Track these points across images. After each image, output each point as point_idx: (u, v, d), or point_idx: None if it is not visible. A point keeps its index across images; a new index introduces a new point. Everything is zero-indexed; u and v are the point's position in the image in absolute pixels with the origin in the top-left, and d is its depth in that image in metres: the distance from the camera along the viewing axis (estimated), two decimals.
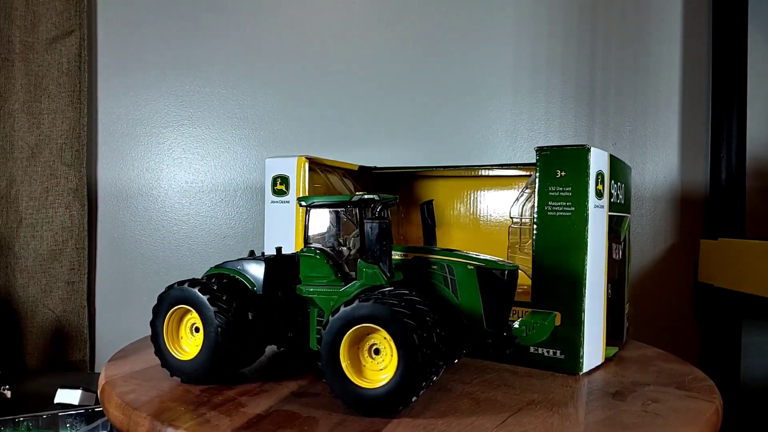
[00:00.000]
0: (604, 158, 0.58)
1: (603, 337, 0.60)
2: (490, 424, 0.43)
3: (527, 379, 0.55)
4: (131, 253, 1.00)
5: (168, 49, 1.00)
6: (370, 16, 1.00)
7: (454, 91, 1.00)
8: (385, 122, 1.00)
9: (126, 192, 1.00)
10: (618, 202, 0.62)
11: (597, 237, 0.57)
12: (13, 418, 0.69)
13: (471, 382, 0.53)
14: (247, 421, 0.42)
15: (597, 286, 0.58)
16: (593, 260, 0.57)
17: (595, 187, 0.56)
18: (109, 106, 1.00)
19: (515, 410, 0.46)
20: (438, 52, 1.00)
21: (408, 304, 0.43)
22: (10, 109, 0.96)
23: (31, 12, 0.96)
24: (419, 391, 0.42)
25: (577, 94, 0.99)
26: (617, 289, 0.63)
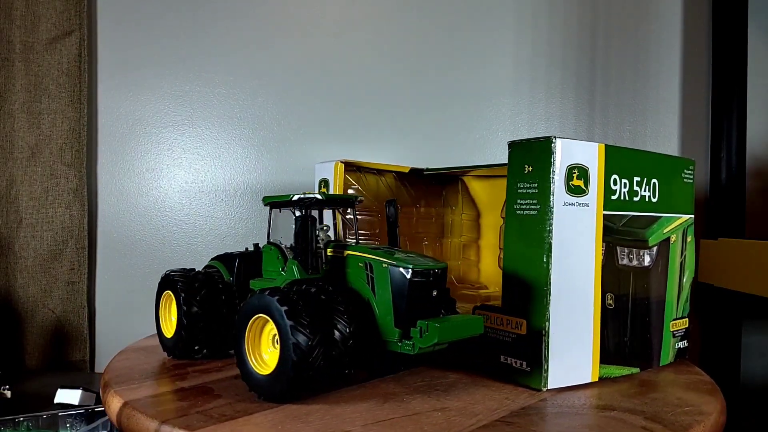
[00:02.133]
0: (587, 151, 0.52)
1: (592, 353, 0.53)
2: (360, 420, 0.43)
3: (475, 388, 0.51)
4: (131, 253, 1.00)
5: (168, 49, 1.00)
6: (370, 16, 1.00)
7: (453, 91, 1.00)
8: (385, 122, 1.00)
9: (126, 192, 1.00)
10: (630, 200, 0.55)
11: (575, 239, 0.51)
12: (13, 418, 0.69)
13: (410, 384, 0.52)
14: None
15: (575, 293, 0.51)
16: (566, 265, 0.51)
17: (567, 183, 0.50)
18: (109, 106, 1.00)
19: (407, 413, 0.44)
20: (438, 52, 1.00)
21: (300, 297, 0.46)
22: (10, 109, 0.96)
23: (31, 12, 0.96)
24: (299, 380, 0.44)
25: (578, 94, 0.99)
26: (632, 301, 0.55)
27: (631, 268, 0.55)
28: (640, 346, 0.57)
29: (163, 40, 1.00)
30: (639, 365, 0.57)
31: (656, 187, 0.57)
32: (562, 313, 0.51)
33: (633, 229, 0.55)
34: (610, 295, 0.54)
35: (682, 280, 0.60)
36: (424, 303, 0.49)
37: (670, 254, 0.58)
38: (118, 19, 1.00)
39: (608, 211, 0.53)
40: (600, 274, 0.53)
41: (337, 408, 0.46)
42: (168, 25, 0.99)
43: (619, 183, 0.54)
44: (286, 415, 0.44)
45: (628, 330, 0.55)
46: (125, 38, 1.00)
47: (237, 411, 0.44)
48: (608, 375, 0.54)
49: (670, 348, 0.60)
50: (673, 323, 0.60)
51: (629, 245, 0.55)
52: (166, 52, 1.00)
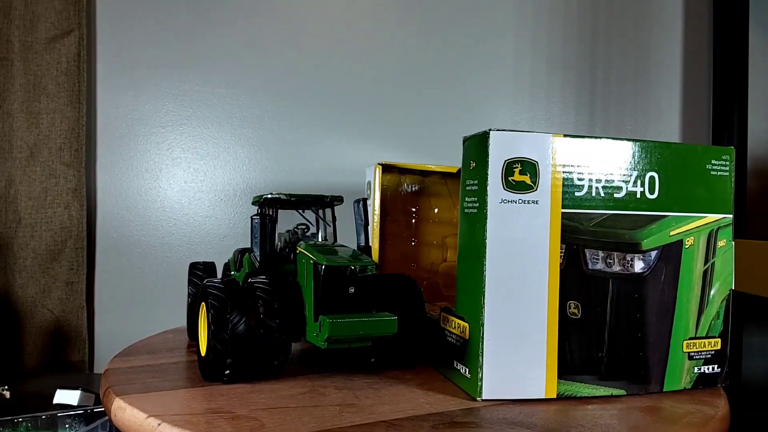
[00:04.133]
0: (536, 143, 0.47)
1: (546, 366, 0.47)
2: (258, 404, 0.45)
3: (409, 390, 0.49)
4: (130, 253, 0.99)
5: (167, 49, 0.99)
6: (370, 16, 1.00)
7: (453, 91, 0.99)
8: (384, 121, 1.00)
9: (125, 192, 1.00)
10: (608, 197, 0.49)
11: (521, 239, 0.47)
12: (12, 419, 0.69)
13: (352, 379, 0.52)
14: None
15: (521, 298, 0.47)
16: (508, 267, 0.47)
17: (505, 178, 0.47)
18: (109, 106, 1.00)
19: (308, 405, 0.45)
20: (438, 53, 1.00)
21: (230, 288, 0.50)
22: (9, 109, 0.95)
23: (30, 11, 0.95)
24: (217, 363, 0.48)
25: (578, 94, 0.99)
26: (611, 312, 0.49)
27: (612, 275, 0.49)
28: (626, 365, 0.49)
29: (162, 40, 0.99)
30: (625, 387, 0.49)
31: (656, 182, 0.50)
32: (502, 318, 0.47)
33: (613, 230, 0.49)
34: (574, 303, 0.48)
35: (707, 292, 0.51)
36: (339, 299, 0.49)
37: (683, 261, 0.50)
38: (117, 18, 0.99)
39: (570, 209, 0.48)
40: (557, 278, 0.47)
41: (251, 392, 0.48)
42: (168, 25, 0.99)
43: (588, 178, 0.48)
44: (205, 393, 0.47)
45: (605, 345, 0.49)
46: (124, 38, 0.99)
47: (174, 386, 0.49)
48: (571, 393, 0.48)
49: (683, 372, 0.50)
50: (690, 343, 0.51)
51: (607, 248, 0.49)
52: (165, 52, 0.99)
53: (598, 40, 0.99)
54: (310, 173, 0.99)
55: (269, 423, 0.41)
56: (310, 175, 0.99)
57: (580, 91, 0.99)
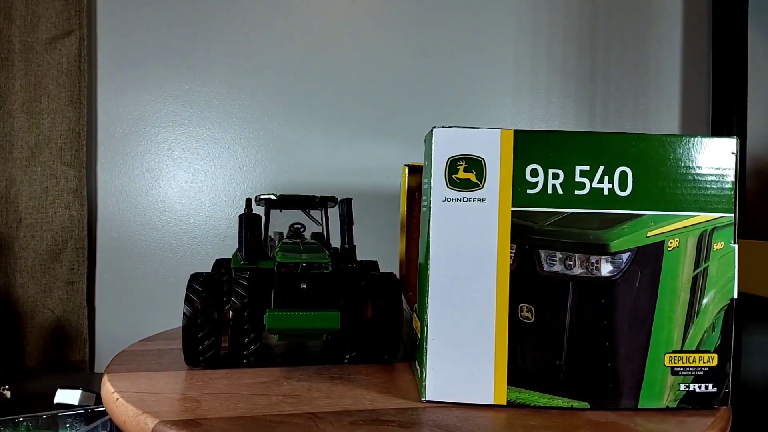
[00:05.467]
0: (483, 139, 0.46)
1: (494, 371, 0.45)
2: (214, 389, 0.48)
3: (362, 386, 0.50)
4: (131, 253, 0.99)
5: (168, 49, 0.99)
6: (370, 15, 1.00)
7: (453, 91, 1.00)
8: (384, 121, 1.00)
9: (126, 192, 1.00)
10: (568, 195, 0.45)
11: (466, 238, 0.45)
12: (12, 418, 0.69)
13: (319, 373, 0.54)
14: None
15: (467, 300, 0.45)
16: (452, 267, 0.45)
17: (448, 176, 0.45)
18: (109, 106, 1.00)
19: (255, 392, 0.48)
20: (438, 52, 1.00)
21: (207, 280, 0.54)
22: (10, 109, 0.96)
23: (30, 12, 0.95)
24: (191, 349, 0.53)
25: (578, 94, 0.99)
26: (571, 318, 0.46)
27: (572, 278, 0.45)
28: (590, 376, 0.45)
29: (162, 40, 0.99)
30: (589, 400, 0.45)
31: (629, 178, 0.45)
32: (447, 319, 0.45)
33: (574, 229, 0.45)
34: (527, 306, 0.45)
35: (697, 300, 0.46)
36: (291, 294, 0.52)
37: (664, 264, 0.45)
38: (117, 18, 1.00)
39: (521, 207, 0.45)
40: (506, 280, 0.45)
41: (219, 377, 0.52)
42: (168, 25, 0.99)
43: (543, 174, 0.45)
44: (178, 375, 0.52)
45: (564, 352, 0.45)
46: (125, 38, 1.00)
47: (160, 368, 0.54)
48: (524, 401, 0.45)
49: (665, 388, 0.45)
50: (674, 356, 0.45)
51: (566, 249, 0.45)
52: (166, 52, 1.00)
53: (597, 41, 0.99)
54: (311, 173, 1.00)
55: (205, 405, 0.44)
56: (311, 175, 0.99)
57: (580, 91, 0.99)
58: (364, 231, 0.81)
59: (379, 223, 0.94)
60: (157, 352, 0.60)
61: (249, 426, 0.41)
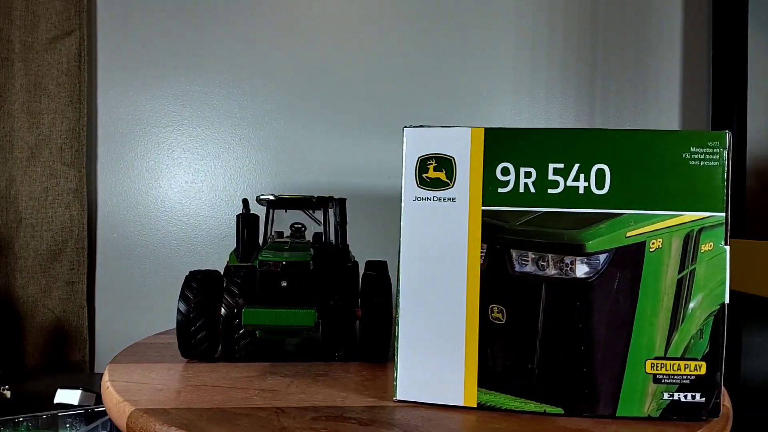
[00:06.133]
0: (453, 137, 0.46)
1: (464, 372, 0.45)
2: (203, 381, 0.51)
3: (340, 384, 0.51)
4: (131, 253, 0.99)
5: (168, 49, 0.99)
6: (369, 15, 1.00)
7: (453, 91, 1.00)
8: (384, 121, 1.00)
9: (126, 192, 1.00)
10: (541, 193, 0.44)
11: (436, 238, 0.45)
12: (12, 418, 0.69)
13: (306, 370, 0.55)
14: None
15: (438, 299, 0.45)
16: (423, 266, 0.45)
17: (418, 175, 0.45)
18: (109, 106, 1.00)
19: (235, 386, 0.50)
20: (437, 52, 1.00)
21: (201, 277, 0.56)
22: (10, 109, 0.96)
23: (30, 12, 0.95)
24: (185, 343, 0.55)
25: (578, 94, 1.00)
26: (544, 320, 0.44)
27: (545, 279, 0.44)
28: (564, 381, 0.44)
29: (163, 40, 0.99)
30: (564, 405, 0.44)
31: (606, 176, 0.43)
32: (417, 318, 0.45)
33: (547, 229, 0.44)
34: (498, 307, 0.44)
35: (682, 304, 0.43)
36: (272, 292, 0.54)
37: (645, 266, 0.43)
38: (117, 19, 1.00)
39: (492, 206, 0.44)
40: (477, 280, 0.44)
41: (210, 370, 0.54)
42: (168, 25, 0.99)
43: (515, 173, 0.44)
44: (174, 367, 0.55)
45: (537, 355, 0.44)
46: (125, 38, 1.00)
47: (159, 360, 0.57)
48: (495, 404, 0.44)
49: (647, 396, 0.43)
50: (656, 363, 0.43)
51: (539, 249, 0.44)
52: (166, 52, 1.00)
53: (597, 41, 0.99)
54: (311, 173, 1.00)
55: (183, 396, 0.47)
56: (311, 175, 0.99)
57: (580, 91, 0.99)
58: (367, 231, 0.81)
59: (381, 223, 0.94)
60: (164, 345, 0.62)
61: (213, 416, 0.42)
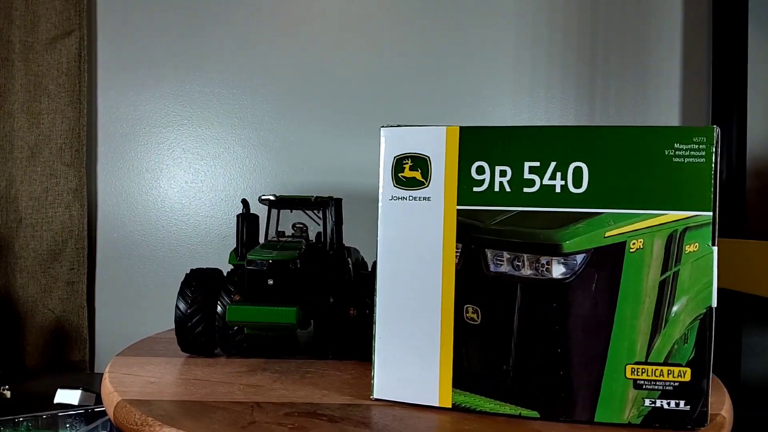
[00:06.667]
0: (428, 136, 0.45)
1: (439, 372, 0.44)
2: (194, 375, 0.53)
3: (331, 383, 0.51)
4: (131, 253, 0.99)
5: (168, 49, 0.99)
6: (369, 15, 1.00)
7: (454, 91, 1.00)
8: (384, 121, 0.99)
9: (126, 192, 1.00)
10: (517, 192, 0.43)
11: (412, 237, 0.45)
12: (12, 418, 0.69)
13: (302, 366, 0.57)
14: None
15: (413, 299, 0.45)
16: (399, 266, 0.45)
17: (394, 175, 0.45)
18: (109, 106, 1.00)
19: (223, 380, 0.52)
20: (438, 52, 1.00)
21: (200, 276, 0.59)
22: (10, 109, 0.96)
23: (30, 12, 0.95)
24: (183, 339, 0.58)
25: (578, 94, 1.00)
26: (520, 321, 0.43)
27: (520, 279, 0.43)
28: (540, 384, 0.42)
29: (163, 40, 0.99)
30: (540, 409, 0.42)
31: (584, 174, 0.42)
32: (393, 318, 0.45)
33: (523, 228, 0.43)
34: (473, 307, 0.44)
35: (665, 307, 0.41)
36: (259, 290, 0.55)
37: (625, 267, 0.41)
38: (117, 18, 1.00)
39: (467, 206, 0.44)
40: (452, 280, 0.44)
41: (206, 364, 0.56)
42: (168, 25, 0.99)
43: (490, 171, 0.43)
44: (172, 361, 0.57)
45: (512, 357, 0.43)
46: (125, 38, 1.00)
47: (167, 353, 0.60)
48: (469, 406, 0.44)
49: (627, 402, 0.41)
50: (636, 368, 0.41)
51: (514, 249, 0.43)
52: (166, 52, 1.00)
53: (597, 41, 0.99)
54: (311, 173, 1.00)
55: (170, 389, 0.49)
56: (311, 175, 0.99)
57: (580, 91, 0.99)
58: (368, 231, 0.81)
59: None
60: (171, 340, 0.63)
61: (191, 409, 0.44)
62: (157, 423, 0.40)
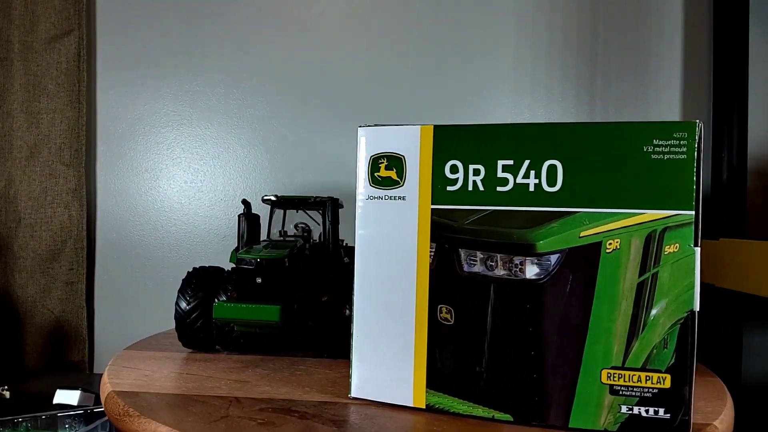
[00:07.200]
0: (403, 135, 0.45)
1: (413, 373, 0.44)
2: (189, 369, 0.56)
3: (317, 380, 0.52)
4: (130, 253, 0.99)
5: (167, 49, 0.99)
6: (370, 15, 1.00)
7: (453, 91, 0.99)
8: (384, 121, 0.99)
9: (125, 192, 1.00)
10: (490, 191, 0.42)
11: (387, 237, 0.45)
12: (12, 419, 0.69)
13: (294, 363, 0.58)
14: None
15: (388, 298, 0.45)
16: (374, 265, 0.45)
17: (371, 174, 0.46)
18: (108, 106, 1.00)
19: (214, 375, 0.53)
20: (437, 52, 1.00)
21: (199, 273, 0.61)
22: (9, 109, 0.95)
23: (29, 11, 0.95)
24: (184, 334, 0.60)
25: (578, 94, 0.99)
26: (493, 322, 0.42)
27: (493, 279, 0.42)
28: (513, 387, 0.42)
29: (162, 40, 0.99)
30: (513, 412, 0.42)
31: (558, 172, 0.41)
32: (369, 317, 0.45)
33: (496, 228, 0.42)
34: (446, 308, 0.43)
35: (643, 311, 0.39)
36: (248, 287, 0.57)
37: (601, 268, 0.40)
38: (117, 18, 0.99)
39: (441, 205, 0.43)
40: (426, 280, 0.43)
41: (203, 359, 0.59)
42: (167, 25, 0.99)
43: (463, 170, 0.43)
44: (171, 355, 0.60)
45: (485, 358, 0.42)
46: (124, 38, 0.99)
47: (172, 348, 0.62)
48: (443, 407, 0.43)
49: (603, 408, 0.40)
50: (612, 373, 0.40)
51: (487, 249, 0.42)
52: (165, 51, 0.99)
53: (597, 41, 0.99)
54: (311, 173, 0.99)
55: (160, 383, 0.51)
56: (311, 175, 0.99)
57: (580, 91, 0.99)
58: None
59: None
60: (169, 335, 0.67)
61: (173, 401, 0.46)
62: (136, 413, 0.42)
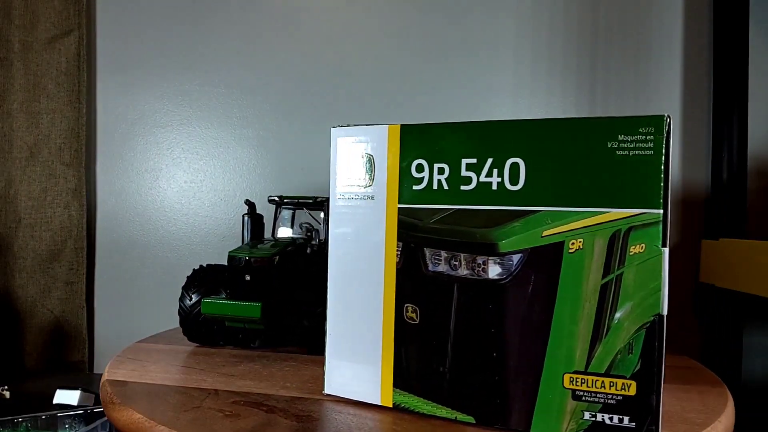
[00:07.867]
0: (372, 135, 0.45)
1: (381, 371, 0.44)
2: (188, 362, 0.57)
3: (302, 376, 0.53)
4: (130, 253, 0.99)
5: (167, 49, 0.99)
6: (370, 15, 1.00)
7: (453, 91, 0.99)
8: (385, 121, 1.00)
9: (125, 192, 1.00)
10: (454, 190, 0.42)
11: (358, 236, 0.45)
12: (12, 419, 0.69)
13: (290, 360, 0.59)
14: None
15: (357, 297, 0.45)
16: (346, 264, 0.46)
17: (344, 173, 0.47)
18: (108, 106, 1.00)
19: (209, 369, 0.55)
20: (438, 52, 1.00)
21: (201, 271, 0.63)
22: (9, 109, 0.95)
23: (29, 11, 0.95)
24: (188, 329, 0.62)
25: (578, 94, 0.99)
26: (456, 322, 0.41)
27: (457, 279, 0.41)
28: (476, 389, 0.41)
29: (162, 40, 0.99)
30: (475, 415, 0.41)
31: (521, 170, 0.40)
32: (341, 316, 0.46)
33: (459, 227, 0.42)
34: (412, 307, 0.43)
35: (608, 314, 0.38)
36: (238, 285, 0.58)
37: (563, 269, 0.39)
38: (117, 18, 0.99)
39: (407, 204, 0.43)
40: (393, 279, 0.43)
41: (202, 353, 0.60)
42: (167, 25, 0.99)
43: (428, 169, 0.42)
44: (175, 349, 0.62)
45: (448, 359, 0.42)
46: (124, 38, 0.99)
47: (179, 342, 0.65)
48: (408, 406, 0.43)
49: (564, 414, 0.39)
50: (575, 378, 0.38)
51: (451, 248, 0.42)
52: (165, 52, 0.99)
53: (597, 41, 0.99)
54: (311, 173, 0.99)
55: (155, 373, 0.53)
56: (311, 175, 0.99)
57: (580, 91, 0.99)
58: None
59: None
60: (179, 331, 0.68)
61: (156, 391, 0.48)
62: (119, 401, 0.45)
